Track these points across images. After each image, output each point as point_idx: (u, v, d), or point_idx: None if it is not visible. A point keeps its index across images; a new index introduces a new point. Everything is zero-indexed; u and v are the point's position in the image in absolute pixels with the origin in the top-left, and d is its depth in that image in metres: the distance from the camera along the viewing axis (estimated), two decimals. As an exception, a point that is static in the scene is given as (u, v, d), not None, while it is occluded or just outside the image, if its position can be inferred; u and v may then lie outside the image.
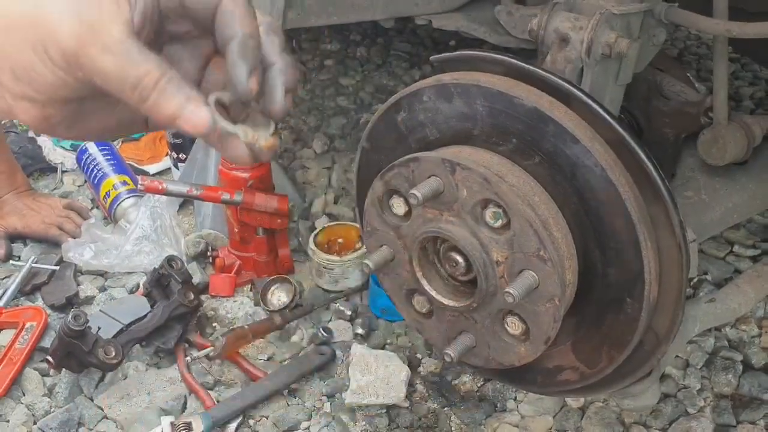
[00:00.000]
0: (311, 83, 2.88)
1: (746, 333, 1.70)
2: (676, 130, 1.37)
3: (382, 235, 1.10)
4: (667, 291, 0.99)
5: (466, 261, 1.02)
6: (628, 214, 0.93)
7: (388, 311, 1.74)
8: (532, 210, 0.94)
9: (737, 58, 2.94)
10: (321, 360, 1.62)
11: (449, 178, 0.97)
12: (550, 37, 1.18)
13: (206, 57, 0.63)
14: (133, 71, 0.53)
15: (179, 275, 1.67)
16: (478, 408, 1.53)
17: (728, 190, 1.33)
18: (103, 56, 0.52)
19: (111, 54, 0.52)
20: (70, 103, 0.58)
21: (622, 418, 1.50)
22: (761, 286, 1.26)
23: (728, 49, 1.22)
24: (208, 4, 0.57)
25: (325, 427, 1.50)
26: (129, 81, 0.53)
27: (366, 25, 3.17)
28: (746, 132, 1.26)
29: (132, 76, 0.53)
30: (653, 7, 1.18)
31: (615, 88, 1.21)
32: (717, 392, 1.57)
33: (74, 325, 1.46)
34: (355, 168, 1.24)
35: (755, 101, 2.71)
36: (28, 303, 1.82)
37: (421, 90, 1.06)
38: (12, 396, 1.57)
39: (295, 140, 2.50)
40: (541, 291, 0.95)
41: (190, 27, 0.60)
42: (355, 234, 1.89)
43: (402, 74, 2.92)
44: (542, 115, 0.95)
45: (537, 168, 0.99)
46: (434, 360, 1.64)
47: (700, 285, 1.83)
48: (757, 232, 2.00)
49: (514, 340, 1.03)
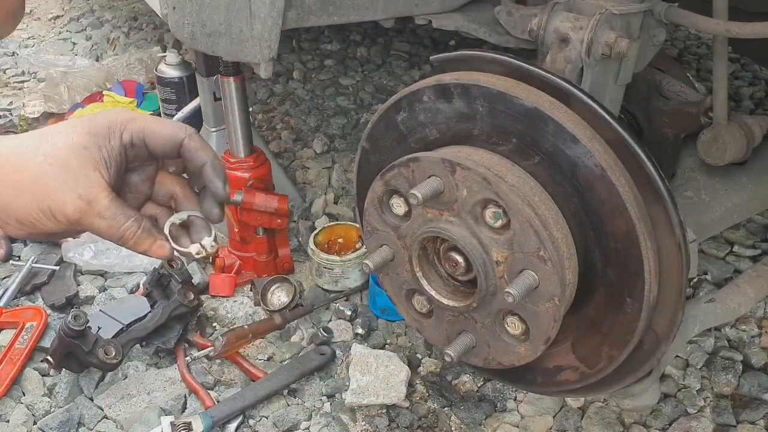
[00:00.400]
0: (311, 83, 2.88)
1: (746, 333, 1.70)
2: (676, 130, 1.37)
3: (382, 235, 1.10)
4: (667, 291, 0.99)
5: (466, 261, 1.02)
6: (628, 214, 0.93)
7: (388, 311, 1.74)
8: (532, 210, 0.95)
9: (737, 58, 2.95)
10: (321, 360, 1.62)
11: (449, 178, 0.97)
12: (550, 37, 1.18)
13: (151, 176, 0.85)
14: (119, 229, 0.77)
15: (179, 275, 1.67)
16: (478, 408, 1.53)
17: (728, 190, 1.33)
18: (99, 221, 0.75)
19: (103, 219, 0.75)
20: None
21: (622, 418, 1.50)
22: (761, 286, 1.26)
23: (728, 49, 1.22)
24: (172, 146, 0.80)
25: (325, 427, 1.50)
26: (116, 234, 0.77)
27: (366, 25, 3.17)
28: (746, 132, 1.26)
29: (118, 231, 0.77)
30: (653, 7, 1.18)
31: (615, 88, 1.21)
32: (717, 392, 1.57)
33: (74, 325, 1.46)
34: (355, 168, 1.24)
35: (755, 101, 2.71)
36: (28, 303, 1.82)
37: (421, 90, 1.06)
38: (12, 396, 1.57)
39: (295, 140, 2.50)
40: (541, 291, 0.95)
41: (144, 161, 0.83)
42: (355, 234, 1.89)
43: (402, 74, 2.92)
44: (542, 115, 0.95)
45: (537, 168, 0.99)
46: (434, 360, 1.64)
47: (700, 285, 1.83)
48: (757, 232, 2.00)
49: (514, 340, 1.03)
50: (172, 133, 0.79)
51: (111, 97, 2.70)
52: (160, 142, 0.79)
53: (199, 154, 0.80)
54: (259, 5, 1.34)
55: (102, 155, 0.75)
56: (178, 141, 0.79)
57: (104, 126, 0.76)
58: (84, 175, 0.73)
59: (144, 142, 0.79)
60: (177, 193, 0.85)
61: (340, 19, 1.45)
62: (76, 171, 0.73)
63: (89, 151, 0.74)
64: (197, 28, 1.37)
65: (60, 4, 3.78)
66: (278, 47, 1.41)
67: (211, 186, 0.81)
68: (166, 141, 0.79)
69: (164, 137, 0.79)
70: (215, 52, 1.41)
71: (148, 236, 0.79)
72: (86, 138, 0.74)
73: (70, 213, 0.73)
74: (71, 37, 3.40)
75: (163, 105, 2.27)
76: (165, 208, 0.87)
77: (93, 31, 3.45)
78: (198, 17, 1.36)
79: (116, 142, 0.76)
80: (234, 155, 1.83)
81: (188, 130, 0.81)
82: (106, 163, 0.75)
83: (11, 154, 0.73)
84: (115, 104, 2.67)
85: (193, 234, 0.84)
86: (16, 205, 0.73)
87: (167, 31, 3.03)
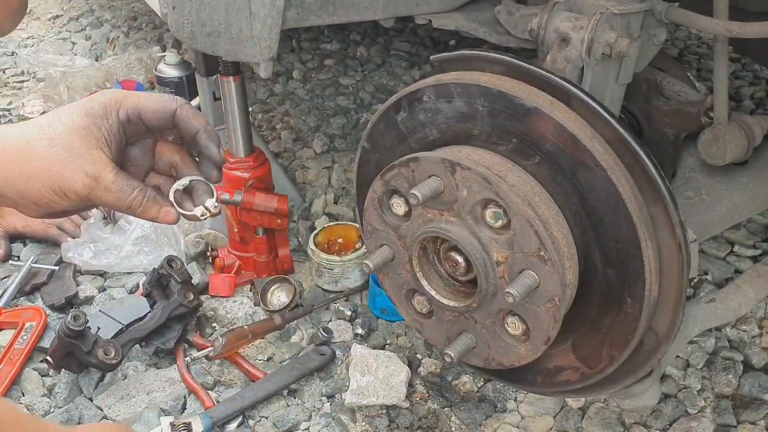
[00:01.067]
0: (311, 83, 2.88)
1: (747, 333, 1.70)
2: (677, 129, 1.37)
3: (382, 235, 1.10)
4: (667, 291, 0.99)
5: (466, 261, 1.02)
6: (629, 214, 0.93)
7: (388, 311, 1.74)
8: (532, 210, 0.94)
9: (737, 58, 2.94)
10: (321, 360, 1.62)
11: (449, 178, 0.97)
12: (551, 36, 1.18)
13: (151, 148, 0.90)
14: (126, 200, 0.82)
15: (179, 275, 1.67)
16: (478, 408, 1.53)
17: (729, 190, 1.33)
18: (106, 194, 0.81)
19: (111, 192, 0.81)
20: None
21: (623, 418, 1.50)
22: (762, 286, 1.26)
23: (728, 49, 1.21)
24: (166, 117, 0.85)
25: (325, 428, 1.49)
26: (124, 205, 0.82)
27: (366, 24, 3.17)
28: (746, 132, 1.26)
29: (125, 202, 0.82)
30: (653, 7, 1.18)
31: (615, 87, 1.21)
32: (717, 392, 1.57)
33: (74, 325, 1.46)
34: (355, 168, 1.23)
35: (755, 101, 2.70)
36: (27, 303, 1.82)
37: (421, 90, 1.06)
38: (11, 396, 1.57)
39: (295, 140, 2.49)
40: (541, 291, 0.95)
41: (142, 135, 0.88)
42: (355, 234, 1.89)
43: (402, 74, 2.92)
44: (543, 114, 0.95)
45: (537, 168, 0.99)
46: (434, 360, 1.64)
47: (700, 285, 1.83)
48: (758, 232, 1.99)
49: (514, 340, 1.03)
50: (163, 106, 0.84)
51: (111, 96, 2.70)
52: (154, 115, 0.84)
53: (191, 123, 0.85)
54: (258, 5, 1.34)
55: (102, 134, 0.80)
56: (170, 112, 0.84)
57: (101, 106, 0.82)
58: (88, 154, 0.79)
59: (139, 117, 0.84)
60: (176, 162, 0.90)
61: (339, 19, 1.45)
62: (80, 151, 0.79)
63: (89, 131, 0.80)
64: (197, 28, 1.37)
65: (59, 4, 3.77)
66: (278, 47, 1.40)
67: (206, 151, 0.86)
68: (159, 113, 0.84)
69: (157, 110, 0.84)
70: (215, 51, 1.41)
71: (153, 204, 0.83)
72: (85, 119, 0.80)
73: (80, 190, 0.79)
74: (71, 36, 3.40)
75: (163, 105, 2.26)
76: (167, 176, 0.92)
77: (92, 30, 3.44)
78: (198, 17, 1.36)
79: (113, 120, 0.82)
80: (234, 155, 1.83)
81: (179, 100, 0.85)
82: (106, 140, 0.81)
83: (19, 144, 0.79)
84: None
85: (195, 198, 0.89)
86: (31, 190, 0.78)
87: (167, 30, 3.03)
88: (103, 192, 0.80)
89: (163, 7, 1.37)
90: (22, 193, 0.79)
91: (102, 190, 0.80)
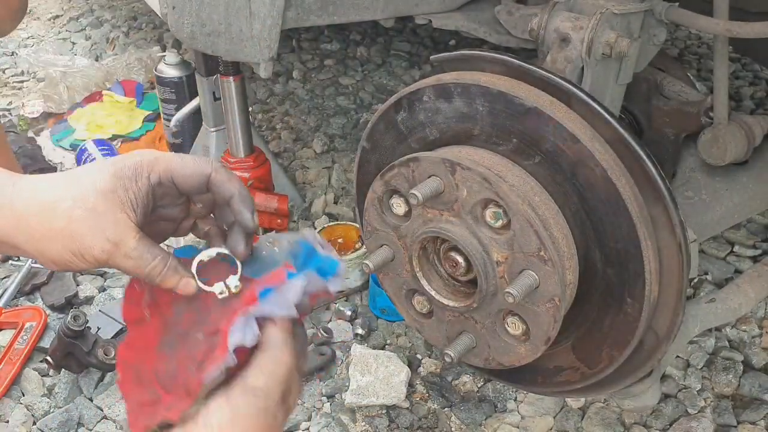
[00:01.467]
0: (311, 83, 2.88)
1: (747, 333, 1.70)
2: (677, 129, 1.37)
3: (382, 235, 1.10)
4: (667, 291, 0.99)
5: (467, 261, 1.02)
6: (629, 214, 0.93)
7: (388, 311, 1.74)
8: (532, 210, 0.94)
9: (738, 58, 2.94)
10: (321, 360, 1.62)
11: (449, 178, 0.97)
12: (551, 36, 1.18)
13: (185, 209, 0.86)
14: (146, 268, 0.78)
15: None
16: (478, 408, 1.53)
17: (729, 190, 1.33)
18: (126, 261, 0.77)
19: (130, 259, 0.76)
20: None
21: (623, 418, 1.50)
22: (762, 286, 1.26)
23: (729, 49, 1.21)
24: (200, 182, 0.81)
25: (325, 428, 1.49)
26: (143, 273, 0.78)
27: (366, 24, 3.17)
28: (746, 132, 1.26)
29: (145, 270, 0.78)
30: (653, 7, 1.18)
31: (615, 87, 1.21)
32: (717, 392, 1.57)
33: (74, 325, 1.46)
34: (355, 168, 1.23)
35: (756, 101, 2.70)
36: (27, 303, 1.82)
37: (421, 90, 1.06)
38: (11, 396, 1.57)
39: (295, 140, 2.49)
40: (541, 291, 0.95)
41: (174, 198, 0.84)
42: (355, 234, 1.89)
43: (402, 74, 2.92)
44: (543, 114, 0.95)
45: (537, 168, 0.99)
46: (434, 360, 1.64)
47: (700, 285, 1.83)
48: (758, 232, 1.99)
49: (514, 340, 1.03)
50: (198, 170, 0.80)
51: (110, 96, 2.70)
52: (187, 180, 0.80)
53: (226, 187, 0.81)
54: (258, 5, 1.34)
55: (129, 197, 0.77)
56: (204, 176, 0.81)
57: (131, 169, 0.78)
58: (111, 217, 0.76)
59: (172, 180, 0.80)
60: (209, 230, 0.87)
61: (339, 19, 1.45)
62: (103, 214, 0.76)
63: (116, 194, 0.76)
64: (197, 28, 1.37)
65: (59, 4, 3.77)
66: (278, 47, 1.40)
67: (239, 217, 0.82)
68: (192, 177, 0.80)
69: (190, 174, 0.80)
70: (215, 51, 1.41)
71: (174, 274, 0.80)
72: (113, 181, 0.77)
73: (98, 254, 0.76)
74: (70, 36, 3.40)
75: (163, 105, 2.26)
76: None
77: (92, 30, 3.44)
78: (197, 17, 1.36)
79: (143, 183, 0.78)
80: (234, 155, 1.83)
81: (214, 164, 0.82)
82: (132, 204, 0.77)
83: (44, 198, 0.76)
84: (115, 104, 2.67)
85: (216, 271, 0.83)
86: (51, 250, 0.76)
87: (167, 30, 3.02)
88: (123, 258, 0.77)
89: (163, 7, 1.37)
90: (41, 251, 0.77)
91: (122, 257, 0.77)
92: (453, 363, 1.09)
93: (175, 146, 2.22)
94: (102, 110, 2.64)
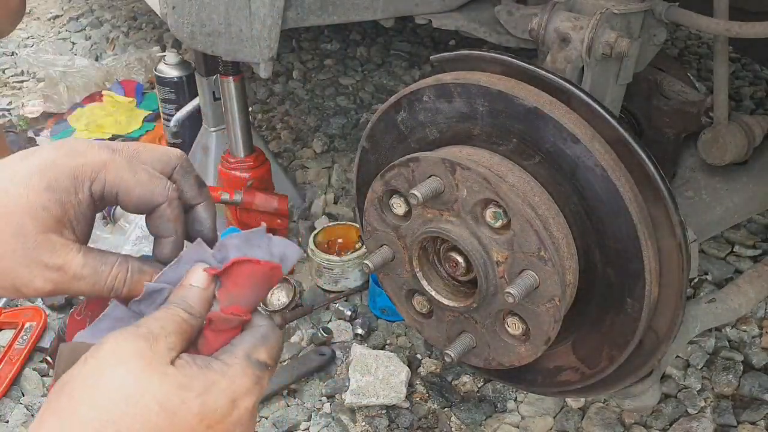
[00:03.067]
0: (311, 83, 2.88)
1: (747, 333, 1.70)
2: (677, 129, 1.37)
3: (382, 235, 1.10)
4: (667, 291, 0.99)
5: (466, 261, 1.02)
6: (629, 214, 0.93)
7: (388, 311, 1.74)
8: (532, 210, 0.94)
9: (738, 58, 2.94)
10: (321, 360, 1.62)
11: (449, 178, 0.97)
12: (551, 36, 1.18)
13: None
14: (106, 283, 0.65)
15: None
16: (478, 408, 1.53)
17: (729, 190, 1.33)
18: (78, 283, 0.63)
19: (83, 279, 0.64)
20: None
21: (623, 418, 1.50)
22: (762, 286, 1.26)
23: (729, 49, 1.21)
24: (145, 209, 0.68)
25: (324, 428, 1.49)
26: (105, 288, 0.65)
27: (366, 24, 3.17)
28: (746, 132, 1.26)
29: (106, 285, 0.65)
30: (654, 7, 1.18)
31: (615, 87, 1.20)
32: (717, 392, 1.57)
33: (73, 325, 1.46)
34: (355, 168, 1.23)
35: (755, 101, 2.70)
36: (27, 303, 1.82)
37: (421, 90, 1.06)
38: (11, 396, 1.57)
39: (295, 140, 2.49)
40: (541, 291, 0.95)
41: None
42: (355, 234, 1.89)
43: (402, 74, 2.92)
44: (543, 114, 0.95)
45: (537, 168, 0.99)
46: (434, 360, 1.64)
47: (700, 285, 1.83)
48: (758, 232, 1.99)
49: (514, 340, 1.03)
50: (148, 197, 0.66)
51: (110, 97, 2.70)
52: (134, 202, 0.66)
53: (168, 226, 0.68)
54: (258, 5, 1.34)
55: (65, 214, 0.63)
56: (153, 206, 0.67)
57: (68, 177, 0.63)
58: (45, 240, 0.61)
59: (116, 197, 0.66)
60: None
61: (339, 19, 1.45)
62: (35, 237, 0.61)
63: (49, 212, 0.62)
64: (197, 28, 1.37)
65: (59, 4, 3.77)
66: (278, 47, 1.40)
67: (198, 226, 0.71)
68: (139, 202, 0.67)
69: (138, 198, 0.66)
70: (215, 51, 1.41)
71: (142, 275, 0.67)
72: (45, 195, 0.61)
73: (41, 286, 0.62)
74: (70, 36, 3.40)
75: (163, 105, 2.26)
76: None
77: (92, 30, 3.44)
78: (197, 17, 1.36)
79: (84, 196, 0.64)
80: (234, 155, 1.83)
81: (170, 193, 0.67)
82: (71, 222, 0.64)
83: None
84: (115, 104, 2.67)
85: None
86: None
87: (167, 30, 3.02)
88: (73, 282, 0.63)
89: (163, 7, 1.37)
90: None
91: (71, 280, 0.63)
92: (453, 363, 1.09)
93: (175, 146, 2.22)
94: (102, 110, 2.64)
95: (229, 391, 0.59)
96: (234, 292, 0.65)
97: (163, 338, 0.58)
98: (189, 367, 0.58)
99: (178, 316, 0.61)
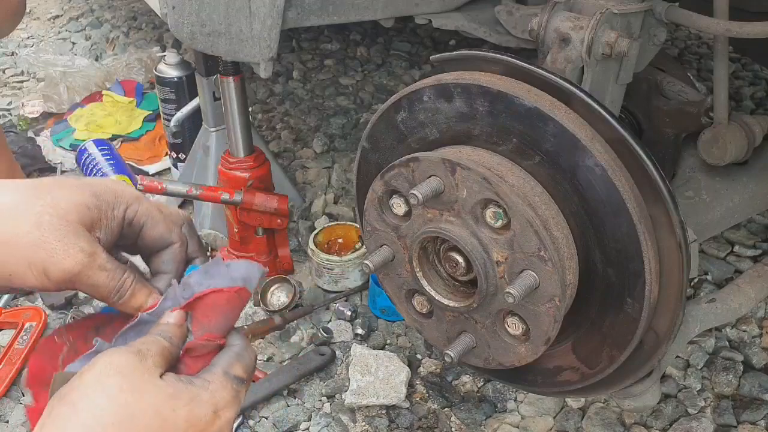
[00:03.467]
0: (311, 83, 2.88)
1: (747, 333, 1.70)
2: (677, 129, 1.37)
3: (382, 235, 1.10)
4: (667, 291, 0.99)
5: (467, 261, 1.02)
6: (629, 214, 0.93)
7: (388, 311, 1.74)
8: (532, 210, 0.94)
9: (738, 58, 2.94)
10: (321, 360, 1.62)
11: (449, 178, 0.97)
12: (551, 36, 1.18)
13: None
14: (119, 281, 0.72)
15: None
16: (478, 408, 1.53)
17: (729, 190, 1.33)
18: (99, 273, 0.70)
19: (105, 270, 0.71)
20: None
21: (623, 418, 1.50)
22: (762, 286, 1.26)
23: (729, 49, 1.21)
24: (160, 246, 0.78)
25: (324, 428, 1.49)
26: (115, 286, 0.72)
27: (366, 24, 3.17)
28: (747, 132, 1.26)
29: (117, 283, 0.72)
30: (654, 7, 1.18)
31: (615, 87, 1.20)
32: (718, 393, 1.57)
33: (74, 325, 1.46)
34: (355, 168, 1.23)
35: (756, 101, 2.70)
36: (27, 303, 1.82)
37: (421, 90, 1.06)
38: (11, 396, 1.57)
39: (295, 140, 2.49)
40: (541, 291, 0.95)
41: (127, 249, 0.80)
42: (355, 234, 1.89)
43: (402, 74, 2.92)
44: (542, 114, 0.95)
45: (537, 168, 0.99)
46: (434, 360, 1.64)
47: (700, 285, 1.83)
48: (758, 232, 1.99)
49: (514, 340, 1.03)
50: (168, 235, 0.77)
51: (110, 97, 2.70)
52: (155, 236, 0.77)
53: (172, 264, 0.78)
54: (258, 5, 1.34)
55: (101, 220, 0.72)
56: (167, 243, 0.78)
57: (111, 194, 0.73)
58: (83, 230, 0.70)
59: (141, 228, 0.76)
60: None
61: (339, 19, 1.45)
62: (76, 225, 0.69)
63: (90, 212, 0.71)
64: (197, 28, 1.37)
65: (59, 4, 3.77)
66: (278, 47, 1.40)
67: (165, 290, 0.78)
68: (159, 237, 0.77)
69: (160, 234, 0.77)
70: (215, 51, 1.41)
71: (143, 287, 0.75)
72: (91, 199, 0.71)
73: (70, 266, 0.68)
74: (70, 36, 3.40)
75: (163, 105, 2.26)
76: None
77: (92, 30, 3.44)
78: (197, 17, 1.36)
79: (119, 213, 0.74)
80: (234, 155, 1.83)
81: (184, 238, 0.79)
82: (102, 229, 0.72)
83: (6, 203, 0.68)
84: (115, 104, 2.67)
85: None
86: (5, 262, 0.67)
87: (167, 30, 3.02)
88: (97, 270, 0.70)
89: (163, 7, 1.37)
90: None
91: (95, 268, 0.70)
92: (453, 363, 1.09)
93: (175, 146, 2.22)
94: (102, 110, 2.64)
95: (211, 402, 0.67)
96: (204, 322, 0.73)
97: (150, 357, 0.66)
98: (175, 382, 0.66)
99: (160, 341, 0.69)
